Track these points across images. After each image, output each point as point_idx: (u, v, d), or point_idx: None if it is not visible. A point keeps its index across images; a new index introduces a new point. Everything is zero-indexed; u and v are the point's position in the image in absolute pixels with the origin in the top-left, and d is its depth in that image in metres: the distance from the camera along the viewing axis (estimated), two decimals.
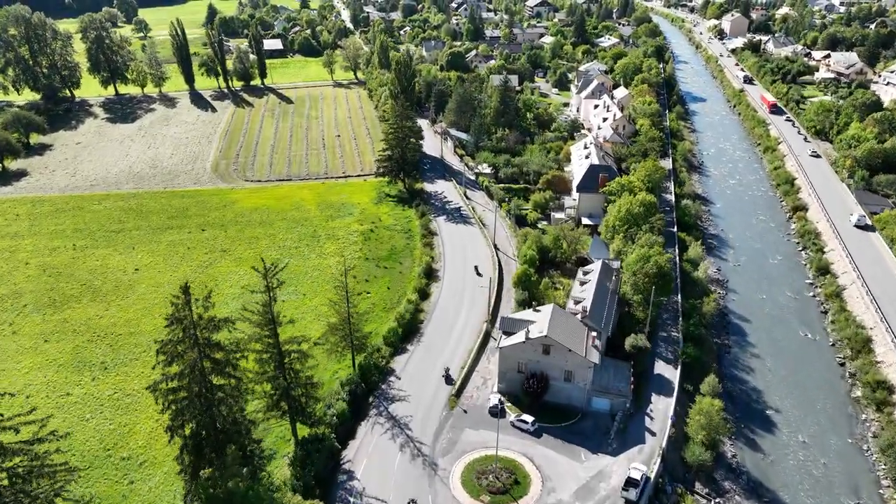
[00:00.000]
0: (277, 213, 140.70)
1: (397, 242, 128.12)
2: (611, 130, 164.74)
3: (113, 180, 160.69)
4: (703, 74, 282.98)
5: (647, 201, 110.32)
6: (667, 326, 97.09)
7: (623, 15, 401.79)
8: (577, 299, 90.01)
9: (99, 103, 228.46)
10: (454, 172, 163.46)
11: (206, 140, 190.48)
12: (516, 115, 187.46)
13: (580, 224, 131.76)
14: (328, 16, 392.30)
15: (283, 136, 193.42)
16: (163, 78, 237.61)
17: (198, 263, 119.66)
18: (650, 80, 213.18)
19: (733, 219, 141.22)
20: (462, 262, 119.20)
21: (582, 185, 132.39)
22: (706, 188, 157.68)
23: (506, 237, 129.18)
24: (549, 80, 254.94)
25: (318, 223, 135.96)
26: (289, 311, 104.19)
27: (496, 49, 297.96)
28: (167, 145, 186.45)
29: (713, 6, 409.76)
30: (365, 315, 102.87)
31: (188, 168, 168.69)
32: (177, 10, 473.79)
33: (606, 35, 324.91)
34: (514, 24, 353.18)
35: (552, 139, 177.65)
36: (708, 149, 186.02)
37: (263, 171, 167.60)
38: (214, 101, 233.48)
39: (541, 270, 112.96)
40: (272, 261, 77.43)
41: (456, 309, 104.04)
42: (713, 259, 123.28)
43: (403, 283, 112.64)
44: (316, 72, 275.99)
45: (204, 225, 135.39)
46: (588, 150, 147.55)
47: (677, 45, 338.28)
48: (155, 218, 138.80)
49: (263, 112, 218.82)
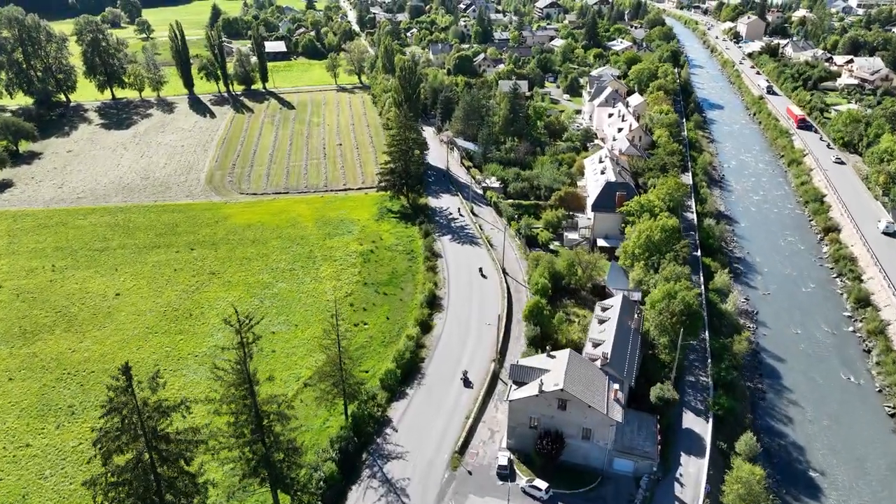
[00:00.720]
0: (272, 231, 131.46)
1: (399, 265, 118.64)
2: (627, 142, 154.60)
3: (101, 192, 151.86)
4: (720, 80, 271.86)
5: (669, 227, 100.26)
6: (694, 369, 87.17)
7: (635, 17, 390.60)
8: (596, 341, 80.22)
9: (94, 108, 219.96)
10: (460, 185, 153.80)
11: (203, 148, 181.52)
12: (526, 124, 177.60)
13: (595, 245, 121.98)
14: (334, 17, 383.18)
15: (283, 145, 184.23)
16: (161, 82, 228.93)
17: (183, 287, 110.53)
18: (666, 87, 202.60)
19: (760, 240, 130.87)
20: (468, 288, 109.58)
21: (598, 204, 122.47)
22: (729, 205, 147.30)
23: (515, 259, 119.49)
24: (560, 85, 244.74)
25: (315, 242, 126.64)
26: (279, 343, 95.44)
27: (505, 52, 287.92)
28: (161, 154, 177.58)
29: (727, 8, 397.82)
30: (361, 350, 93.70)
31: (181, 179, 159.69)
32: (181, 10, 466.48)
33: (619, 38, 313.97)
34: (524, 26, 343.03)
35: (564, 150, 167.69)
36: (728, 161, 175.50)
37: (260, 182, 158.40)
38: (214, 105, 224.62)
39: (553, 299, 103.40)
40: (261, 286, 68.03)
41: (461, 344, 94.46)
42: (740, 287, 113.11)
43: (404, 313, 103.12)
44: (319, 75, 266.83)
45: (193, 243, 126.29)
46: (603, 164, 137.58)
47: (691, 49, 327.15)
48: (142, 235, 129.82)
49: (263, 118, 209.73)
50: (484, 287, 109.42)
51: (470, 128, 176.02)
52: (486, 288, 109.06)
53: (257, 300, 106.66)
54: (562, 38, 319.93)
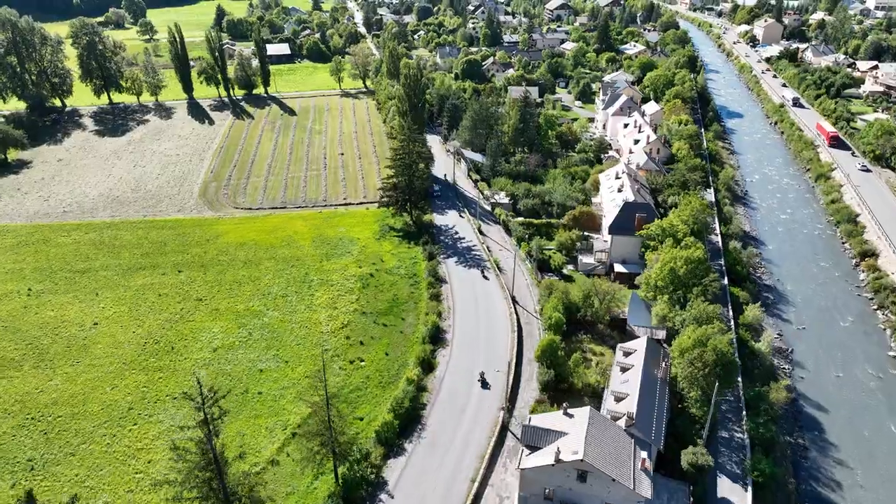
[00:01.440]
0: (266, 251, 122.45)
1: (400, 290, 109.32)
2: (645, 156, 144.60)
3: (89, 206, 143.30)
4: (737, 85, 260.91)
5: (695, 259, 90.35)
6: (727, 423, 77.43)
7: (648, 20, 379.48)
8: (619, 395, 70.61)
9: (90, 113, 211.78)
10: (467, 201, 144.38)
11: (198, 157, 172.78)
12: (537, 134, 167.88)
13: (612, 271, 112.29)
14: (340, 18, 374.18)
15: (282, 154, 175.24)
16: (159, 86, 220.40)
17: (167, 316, 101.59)
18: (684, 95, 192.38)
19: (789, 265, 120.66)
20: (474, 318, 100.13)
21: (615, 227, 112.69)
22: (754, 224, 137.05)
23: (526, 286, 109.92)
24: (572, 91, 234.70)
25: (312, 264, 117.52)
26: (266, 382, 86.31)
27: (514, 56, 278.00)
28: (155, 163, 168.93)
29: (742, 10, 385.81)
30: (356, 393, 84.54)
31: (174, 192, 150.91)
32: (186, 10, 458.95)
33: (632, 42, 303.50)
34: (534, 29, 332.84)
35: (577, 162, 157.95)
36: (751, 175, 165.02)
37: (256, 196, 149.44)
38: (213, 111, 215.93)
39: (568, 333, 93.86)
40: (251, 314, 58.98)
41: (467, 386, 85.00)
42: (771, 320, 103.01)
43: (405, 349, 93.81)
44: (324, 79, 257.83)
45: (181, 264, 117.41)
46: (620, 180, 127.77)
47: (706, 53, 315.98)
48: (127, 254, 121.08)
49: (263, 125, 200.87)
50: (492, 317, 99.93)
51: (478, 137, 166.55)
52: (494, 319, 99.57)
53: (245, 331, 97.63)
54: (573, 41, 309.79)
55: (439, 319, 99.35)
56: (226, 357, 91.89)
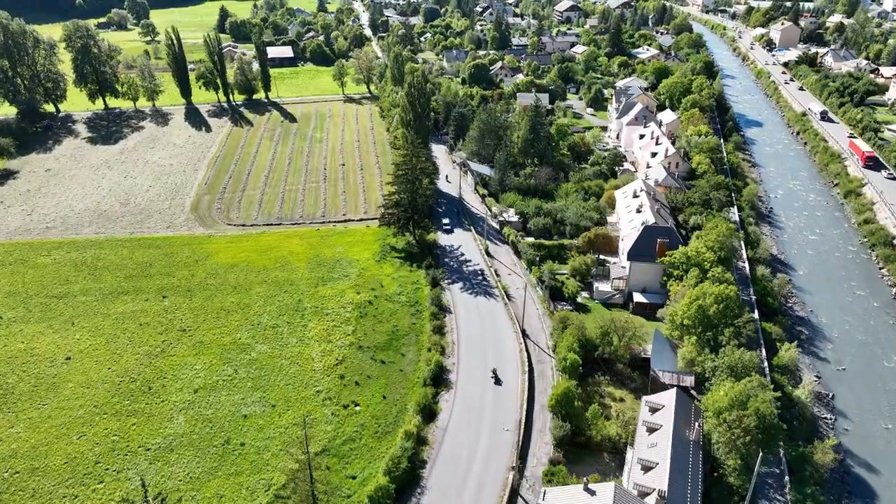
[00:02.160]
0: (258, 273, 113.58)
1: (401, 320, 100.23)
2: (664, 171, 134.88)
3: (74, 221, 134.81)
4: (754, 91, 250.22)
5: (727, 296, 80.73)
6: (767, 489, 67.95)
7: (660, 23, 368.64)
8: (647, 464, 61.26)
9: (84, 119, 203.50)
10: (474, 218, 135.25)
11: (193, 168, 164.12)
12: (548, 145, 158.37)
13: (631, 300, 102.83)
14: (345, 20, 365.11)
15: (280, 165, 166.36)
16: (156, 91, 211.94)
17: (147, 349, 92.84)
18: (702, 104, 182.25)
19: (823, 293, 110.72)
20: (481, 356, 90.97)
21: (635, 252, 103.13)
22: (781, 247, 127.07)
23: (538, 316, 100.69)
24: (583, 97, 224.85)
25: (306, 289, 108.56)
26: (250, 431, 77.38)
27: (523, 60, 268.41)
28: (147, 174, 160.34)
29: (757, 13, 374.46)
30: (349, 445, 75.57)
31: (164, 206, 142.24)
32: (190, 11, 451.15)
33: (644, 46, 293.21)
34: (543, 31, 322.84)
35: (590, 176, 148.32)
36: (775, 190, 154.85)
37: (251, 210, 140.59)
38: (211, 117, 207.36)
39: (584, 374, 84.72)
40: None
41: (472, 439, 75.92)
42: (807, 359, 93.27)
43: (404, 390, 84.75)
44: (327, 83, 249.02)
45: (166, 289, 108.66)
46: (639, 199, 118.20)
47: (721, 57, 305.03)
48: (110, 277, 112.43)
49: (262, 133, 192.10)
50: (501, 355, 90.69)
51: (485, 148, 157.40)
52: (503, 356, 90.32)
53: (230, 368, 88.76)
54: (583, 44, 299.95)
55: (442, 357, 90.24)
56: (207, 399, 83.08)
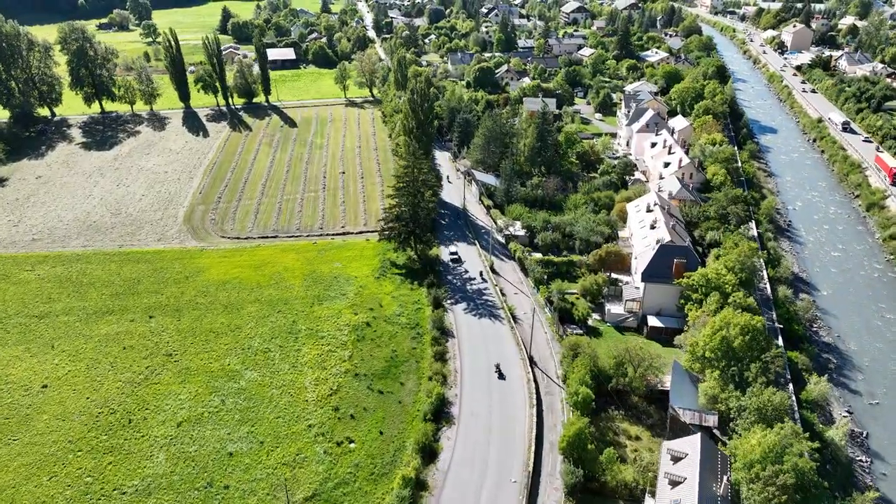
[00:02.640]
0: (251, 291, 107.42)
1: (400, 345, 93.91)
2: (678, 183, 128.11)
3: (61, 233, 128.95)
4: (767, 96, 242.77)
5: (753, 328, 74.12)
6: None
7: (669, 24, 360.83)
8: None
9: (79, 123, 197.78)
10: (479, 231, 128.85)
11: (188, 175, 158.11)
12: (556, 154, 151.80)
13: (646, 324, 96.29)
14: (349, 21, 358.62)
15: (278, 173, 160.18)
16: (154, 95, 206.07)
17: (129, 376, 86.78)
18: (715, 110, 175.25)
19: (849, 316, 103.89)
20: (486, 386, 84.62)
21: (650, 273, 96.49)
22: (802, 264, 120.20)
23: (546, 342, 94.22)
24: (591, 101, 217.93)
25: (301, 308, 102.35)
26: (236, 472, 71.17)
27: (530, 63, 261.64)
28: (140, 182, 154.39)
29: (768, 15, 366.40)
30: (342, 489, 69.32)
31: (157, 216, 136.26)
32: (192, 11, 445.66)
33: (653, 48, 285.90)
34: (550, 33, 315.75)
35: (600, 186, 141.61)
36: (793, 202, 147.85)
37: (246, 222, 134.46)
38: (209, 122, 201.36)
39: (597, 409, 78.20)
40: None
41: (476, 483, 69.59)
42: (836, 391, 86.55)
43: (402, 425, 78.47)
44: (329, 86, 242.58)
45: (154, 308, 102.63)
46: (653, 214, 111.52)
47: (731, 60, 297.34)
48: (95, 295, 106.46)
49: (261, 138, 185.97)
50: (507, 385, 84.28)
51: (491, 156, 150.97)
52: (509, 387, 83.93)
53: (217, 398, 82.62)
54: (591, 47, 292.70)
55: (444, 387, 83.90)
56: (191, 434, 76.92)
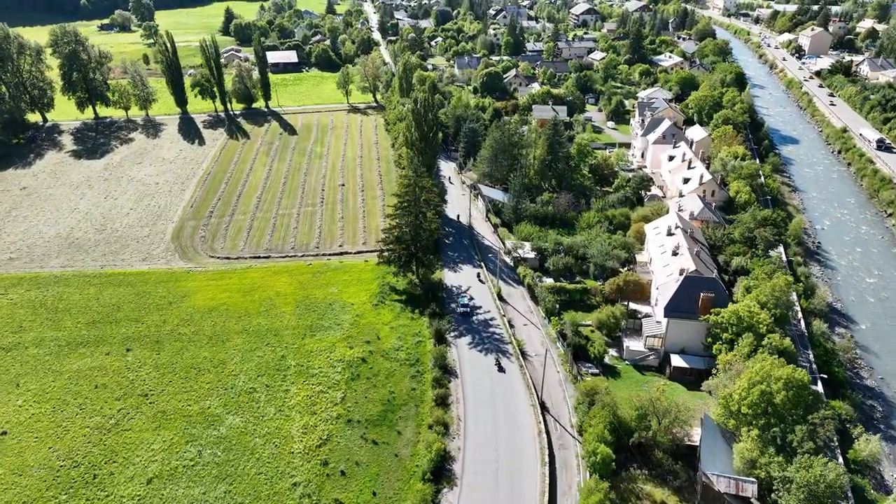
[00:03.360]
0: (238, 320, 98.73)
1: (399, 384, 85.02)
2: (699, 202, 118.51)
3: (41, 251, 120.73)
4: (785, 103, 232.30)
5: (797, 382, 64.73)
6: None
7: (681, 27, 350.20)
8: None
9: (71, 130, 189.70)
10: (485, 252, 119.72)
11: (180, 187, 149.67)
12: (567, 167, 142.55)
13: (668, 363, 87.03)
14: (354, 23, 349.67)
15: (275, 184, 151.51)
16: (149, 100, 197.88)
17: (99, 420, 78.24)
18: (735, 120, 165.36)
19: (892, 354, 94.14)
20: (492, 437, 75.56)
21: (673, 307, 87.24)
22: (836, 292, 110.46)
23: (559, 382, 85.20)
24: (603, 108, 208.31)
25: (291, 341, 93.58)
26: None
27: (538, 67, 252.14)
28: (130, 194, 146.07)
29: (783, 17, 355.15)
30: None
31: (144, 233, 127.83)
32: (195, 12, 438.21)
33: (666, 53, 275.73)
34: (559, 36, 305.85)
35: (614, 203, 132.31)
36: (820, 220, 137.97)
37: (238, 240, 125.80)
38: (206, 129, 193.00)
39: (617, 469, 69.00)
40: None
41: None
42: (886, 445, 76.93)
43: (399, 485, 69.55)
44: (331, 91, 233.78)
45: (132, 339, 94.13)
46: (674, 238, 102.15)
47: (746, 64, 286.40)
48: (70, 323, 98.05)
49: (259, 147, 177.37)
50: (515, 436, 75.25)
51: (499, 169, 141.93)
52: (518, 438, 74.87)
53: (194, 449, 73.91)
54: (602, 50, 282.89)
55: (446, 439, 74.92)
56: (161, 493, 68.24)
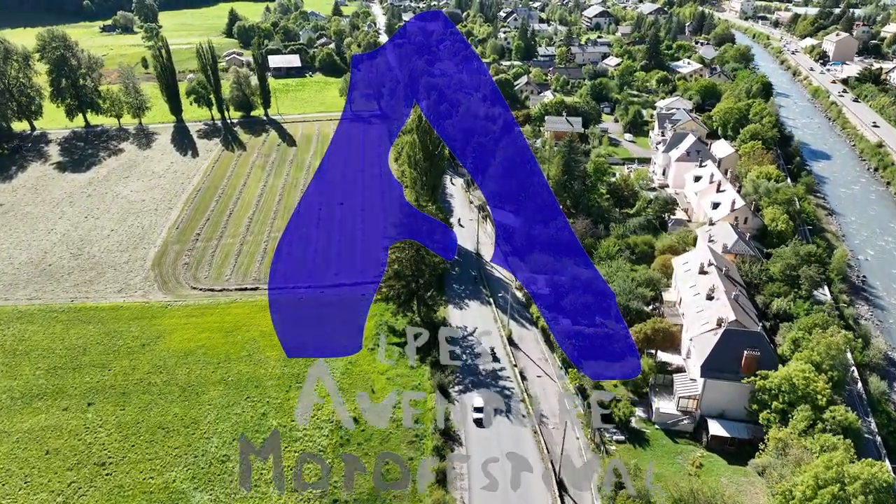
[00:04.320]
0: (216, 367, 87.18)
1: (393, 453, 73.02)
2: (733, 233, 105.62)
3: (8, 280, 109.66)
4: (812, 114, 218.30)
5: (880, 485, 52.22)
6: None
7: (698, 31, 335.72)
8: None
9: (60, 139, 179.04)
10: (494, 285, 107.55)
11: (167, 205, 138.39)
12: (584, 187, 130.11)
13: (705, 430, 74.71)
14: (360, 25, 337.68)
15: (269, 203, 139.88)
16: (142, 108, 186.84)
17: (44, 498, 66.81)
18: (764, 135, 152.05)
19: None
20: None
21: (711, 365, 74.90)
22: (889, 338, 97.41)
23: (578, 450, 73.17)
24: (620, 119, 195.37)
25: (275, 394, 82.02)
26: None
27: (551, 73, 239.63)
28: (113, 212, 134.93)
29: (804, 21, 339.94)
30: None
31: (123, 259, 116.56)
32: (199, 13, 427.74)
33: (684, 59, 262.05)
34: (572, 39, 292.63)
35: (636, 228, 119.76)
36: (862, 249, 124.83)
37: (224, 267, 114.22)
38: (201, 139, 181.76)
39: None
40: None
41: None
42: None
43: None
44: (334, 98, 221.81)
45: (95, 391, 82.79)
46: (708, 277, 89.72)
47: (768, 70, 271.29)
48: (28, 370, 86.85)
49: (255, 160, 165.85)
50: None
51: None
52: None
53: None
54: (616, 55, 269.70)
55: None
56: None
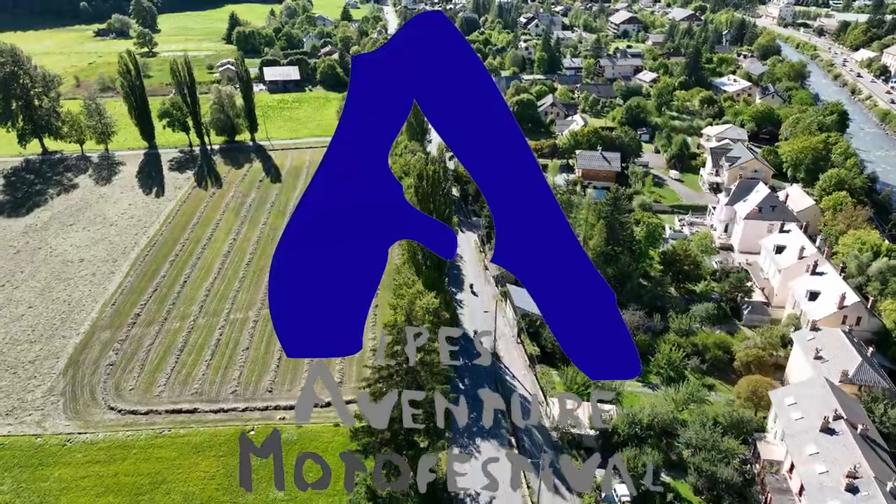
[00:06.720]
0: None
1: None
2: (852, 351, 74.12)
3: None
4: (886, 143, 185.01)
5: None
6: None
7: (738, 41, 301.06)
8: None
9: (6, 170, 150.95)
10: (518, 407, 76.79)
11: (110, 268, 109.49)
12: (631, 257, 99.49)
13: None
14: (370, 31, 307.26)
15: (237, 263, 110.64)
16: (107, 133, 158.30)
17: None
18: (851, 183, 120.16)
19: None
20: None
21: None
22: None
23: None
24: (661, 149, 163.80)
25: None
26: None
27: (578, 91, 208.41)
28: (39, 278, 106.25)
29: (855, 30, 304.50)
30: None
31: (30, 356, 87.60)
32: (200, 16, 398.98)
33: (728, 74, 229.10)
34: (601, 50, 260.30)
35: (702, 317, 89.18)
36: None
37: (159, 373, 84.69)
38: (172, 170, 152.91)
39: None
40: None
41: None
42: None
43: None
44: (332, 117, 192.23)
45: None
46: (838, 440, 58.93)
47: (820, 87, 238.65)
48: None
49: (229, 200, 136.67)
50: None
51: None
52: None
53: None
54: (650, 69, 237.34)
55: None
56: None
